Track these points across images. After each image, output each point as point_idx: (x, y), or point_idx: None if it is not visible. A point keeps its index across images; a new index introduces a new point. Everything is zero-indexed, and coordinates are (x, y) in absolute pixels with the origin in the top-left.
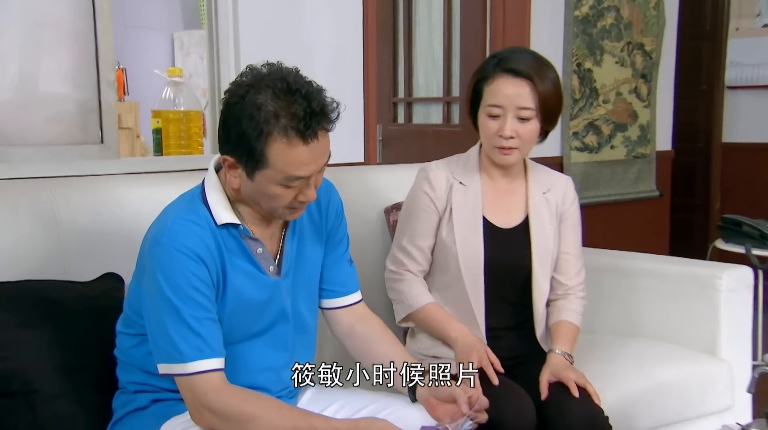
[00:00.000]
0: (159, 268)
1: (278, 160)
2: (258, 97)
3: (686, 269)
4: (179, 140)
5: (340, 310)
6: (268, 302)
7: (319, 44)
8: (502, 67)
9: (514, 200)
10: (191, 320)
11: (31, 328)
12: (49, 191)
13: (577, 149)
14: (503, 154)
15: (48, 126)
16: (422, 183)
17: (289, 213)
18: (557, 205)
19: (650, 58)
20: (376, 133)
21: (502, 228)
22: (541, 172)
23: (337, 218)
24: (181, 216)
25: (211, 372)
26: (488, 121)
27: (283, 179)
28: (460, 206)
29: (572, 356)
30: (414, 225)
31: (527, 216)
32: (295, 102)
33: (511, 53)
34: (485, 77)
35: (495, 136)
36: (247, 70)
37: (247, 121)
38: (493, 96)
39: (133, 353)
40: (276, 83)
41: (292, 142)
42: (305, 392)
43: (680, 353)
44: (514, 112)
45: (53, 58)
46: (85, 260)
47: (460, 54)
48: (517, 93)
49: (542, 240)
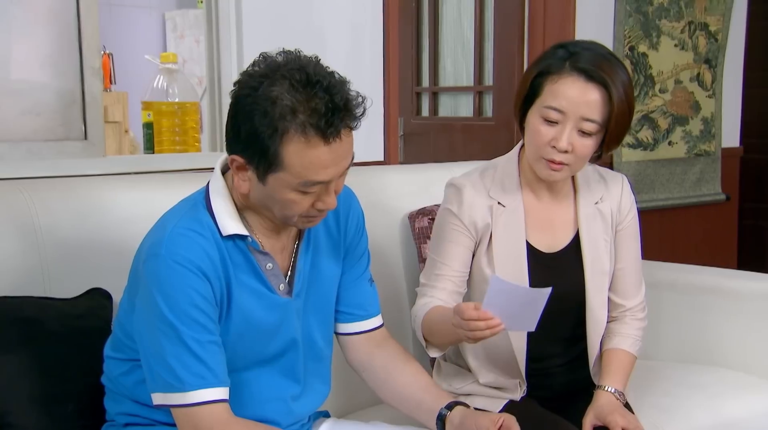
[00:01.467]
0: (156, 283)
1: (295, 162)
2: (273, 90)
3: (758, 285)
4: (173, 136)
5: (359, 336)
6: (278, 324)
7: (333, 26)
8: (573, 64)
9: (562, 217)
10: (192, 343)
11: (6, 352)
12: (25, 194)
13: (629, 146)
14: (551, 168)
15: (23, 120)
16: (450, 201)
17: (305, 221)
18: (613, 216)
19: (715, 41)
20: (397, 127)
21: (548, 253)
22: (591, 175)
23: (357, 231)
24: (182, 225)
25: (215, 403)
26: (542, 126)
27: (299, 184)
28: (502, 233)
29: (624, 395)
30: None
31: (577, 233)
32: (316, 96)
33: (585, 49)
34: (549, 72)
35: (546, 146)
36: (260, 58)
37: (260, 116)
38: (555, 97)
39: (123, 380)
40: (294, 74)
41: (311, 142)
42: (320, 426)
43: (753, 384)
44: (576, 122)
45: (28, 42)
46: (67, 274)
47: (493, 37)
48: (585, 101)
49: (597, 261)
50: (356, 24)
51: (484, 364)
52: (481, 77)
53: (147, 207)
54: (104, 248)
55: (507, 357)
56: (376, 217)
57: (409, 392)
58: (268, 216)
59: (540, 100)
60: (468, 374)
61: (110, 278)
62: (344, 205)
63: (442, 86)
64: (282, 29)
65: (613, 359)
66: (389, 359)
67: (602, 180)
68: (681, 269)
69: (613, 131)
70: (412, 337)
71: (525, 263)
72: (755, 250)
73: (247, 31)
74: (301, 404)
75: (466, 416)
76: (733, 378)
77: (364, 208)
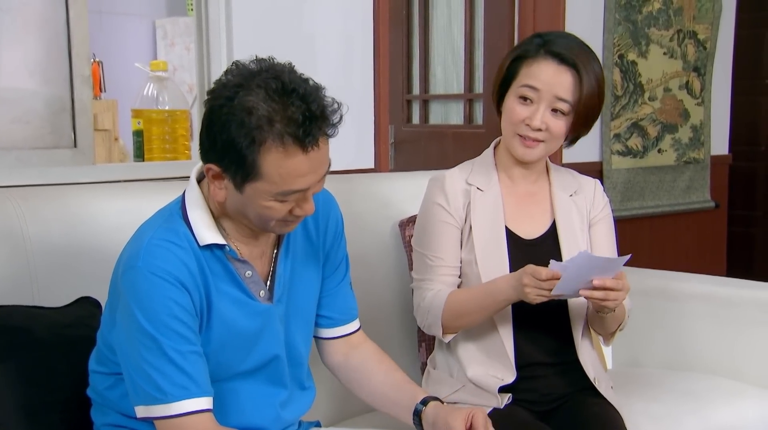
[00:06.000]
0: (133, 296)
1: (273, 171)
2: (249, 100)
3: (747, 293)
4: (163, 144)
5: (338, 339)
6: (260, 331)
7: (324, 33)
8: (547, 48)
9: (538, 205)
10: (174, 354)
11: None
12: (14, 202)
13: (619, 154)
14: (526, 145)
15: (12, 127)
16: (435, 194)
17: (282, 226)
18: (587, 209)
19: (704, 49)
20: (387, 135)
21: (527, 239)
22: (565, 173)
23: (336, 237)
24: (158, 236)
25: (199, 413)
26: (517, 105)
27: (278, 193)
28: (481, 217)
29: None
30: (434, 242)
31: (554, 222)
32: (292, 104)
33: (558, 37)
34: (525, 56)
35: (521, 124)
36: (232, 67)
37: (237, 127)
38: (530, 77)
39: (108, 394)
40: (269, 83)
41: (289, 151)
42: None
43: (742, 391)
44: (550, 101)
45: (18, 49)
46: (56, 282)
47: (483, 45)
48: (558, 81)
49: (574, 248)
50: (347, 31)
51: (475, 355)
52: (472, 85)
53: (137, 215)
54: (94, 257)
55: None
56: (366, 224)
57: (384, 390)
58: (245, 223)
59: (516, 81)
60: (455, 382)
61: (100, 286)
62: (323, 209)
63: (433, 94)
64: (272, 37)
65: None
66: (365, 358)
67: (576, 180)
68: (670, 276)
69: (582, 113)
70: (396, 343)
71: (505, 249)
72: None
73: (238, 39)
74: (290, 409)
75: (438, 413)
76: (723, 385)
77: (355, 215)
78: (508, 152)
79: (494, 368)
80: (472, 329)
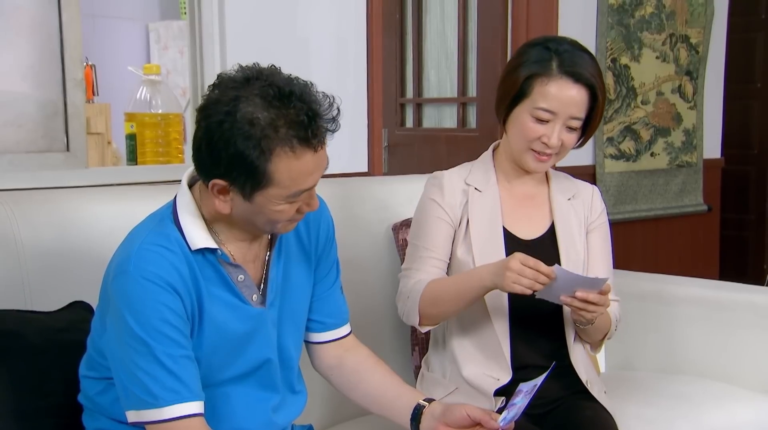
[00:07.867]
0: (125, 300)
1: (284, 176)
2: (248, 111)
3: (739, 296)
4: (156, 147)
5: (329, 343)
6: (252, 335)
7: (317, 37)
8: (564, 68)
9: (537, 207)
10: (165, 358)
11: None
12: (6, 206)
13: (612, 157)
14: (540, 160)
15: (5, 131)
16: (432, 191)
17: (288, 225)
18: (585, 214)
19: (696, 53)
20: (381, 138)
21: (525, 240)
22: (563, 178)
23: (328, 241)
24: (149, 241)
25: (191, 417)
26: (532, 124)
27: (289, 196)
28: (478, 217)
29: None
30: (426, 235)
31: (552, 224)
32: (293, 107)
33: (568, 51)
34: (540, 74)
35: (536, 141)
36: (218, 80)
37: (243, 140)
38: (547, 99)
39: (99, 400)
40: (265, 90)
41: (298, 153)
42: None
43: (733, 394)
44: (565, 120)
45: (10, 53)
46: (49, 287)
47: (477, 49)
48: (574, 102)
49: (572, 252)
50: (340, 35)
51: (471, 354)
52: (465, 89)
53: (130, 219)
54: (86, 261)
55: (492, 343)
56: (359, 228)
57: (381, 392)
58: (247, 229)
59: (530, 100)
60: (450, 384)
61: (92, 290)
62: (315, 214)
63: (426, 98)
64: (266, 40)
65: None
66: (360, 360)
67: (574, 184)
68: (663, 279)
69: (595, 123)
70: (389, 347)
71: (502, 248)
72: (737, 260)
73: (231, 43)
74: (282, 414)
75: (448, 407)
76: (716, 388)
77: (348, 219)
78: (509, 158)
79: (490, 368)
80: (469, 328)
